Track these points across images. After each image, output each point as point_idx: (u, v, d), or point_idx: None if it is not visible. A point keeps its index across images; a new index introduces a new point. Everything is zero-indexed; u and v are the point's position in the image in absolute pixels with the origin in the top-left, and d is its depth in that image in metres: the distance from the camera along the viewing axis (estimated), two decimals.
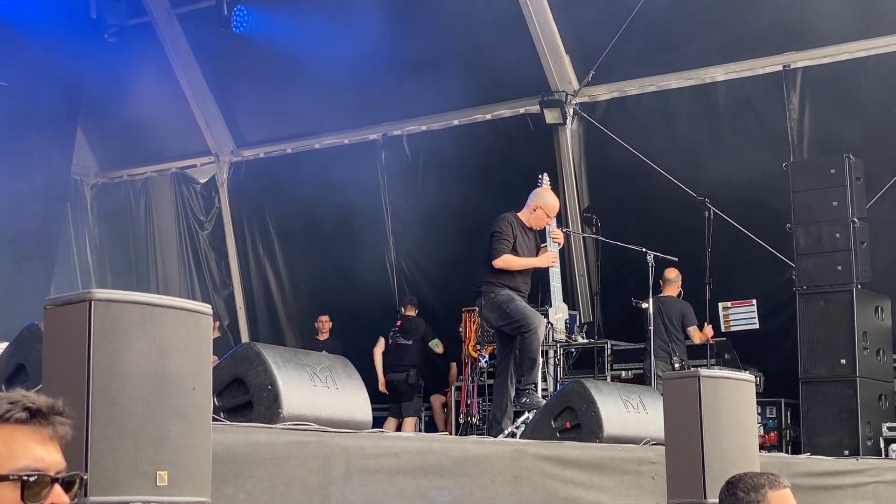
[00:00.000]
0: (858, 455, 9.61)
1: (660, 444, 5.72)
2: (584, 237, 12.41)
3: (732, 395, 5.18)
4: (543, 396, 8.53)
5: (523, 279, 8.02)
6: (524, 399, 7.75)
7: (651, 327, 10.08)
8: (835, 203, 10.45)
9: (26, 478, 1.77)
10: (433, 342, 12.66)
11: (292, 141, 14.67)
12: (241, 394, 4.91)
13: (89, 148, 15.91)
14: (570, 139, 12.59)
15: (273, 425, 4.69)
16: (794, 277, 10.79)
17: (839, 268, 10.37)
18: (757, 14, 11.58)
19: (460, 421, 11.70)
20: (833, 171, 10.50)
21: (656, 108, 12.36)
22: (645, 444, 6.59)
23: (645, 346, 10.85)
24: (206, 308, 3.60)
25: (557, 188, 11.01)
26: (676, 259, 10.34)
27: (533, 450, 5.71)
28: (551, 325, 8.56)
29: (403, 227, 13.83)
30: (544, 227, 8.15)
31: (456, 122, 13.45)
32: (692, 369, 5.33)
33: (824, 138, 11.40)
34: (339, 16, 13.02)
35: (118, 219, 15.96)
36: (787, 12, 11.33)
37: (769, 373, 11.07)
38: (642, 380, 10.64)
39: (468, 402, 11.65)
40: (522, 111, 12.97)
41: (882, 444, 10.21)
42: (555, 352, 10.74)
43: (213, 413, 4.08)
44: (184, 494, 3.35)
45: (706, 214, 11.03)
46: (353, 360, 5.60)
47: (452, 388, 12.27)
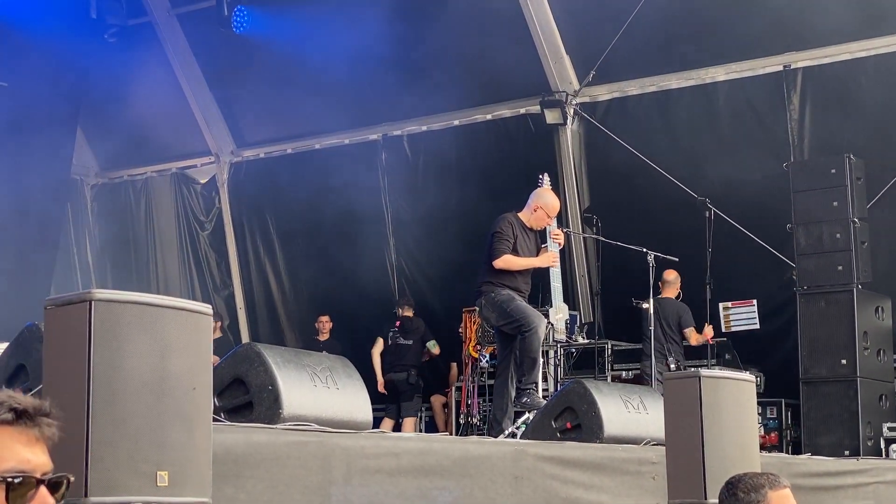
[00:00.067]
0: (859, 455, 9.60)
1: (660, 445, 5.72)
2: (584, 237, 12.40)
3: (733, 396, 5.18)
4: (544, 397, 8.53)
5: (524, 279, 8.02)
6: (525, 399, 7.74)
7: (652, 328, 10.08)
8: (835, 203, 10.45)
9: (11, 479, 1.73)
10: (430, 343, 12.68)
11: (293, 141, 14.65)
12: (242, 394, 4.91)
13: (89, 148, 15.89)
14: (570, 139, 12.58)
15: (273, 425, 4.69)
16: (794, 277, 10.79)
17: (840, 268, 10.37)
18: (757, 14, 11.57)
19: (461, 421, 11.70)
20: (833, 171, 10.50)
21: (657, 108, 12.36)
22: (645, 444, 6.59)
23: (642, 346, 10.87)
24: (207, 308, 3.60)
25: (558, 188, 11.01)
26: (677, 259, 10.33)
27: (533, 450, 5.71)
28: (552, 325, 8.54)
29: (404, 227, 13.82)
30: (545, 228, 8.15)
31: (456, 123, 13.43)
32: (693, 370, 5.32)
33: (825, 138, 11.40)
34: (339, 16, 13.00)
35: (118, 219, 15.93)
36: (788, 12, 11.32)
37: (770, 373, 11.07)
38: (640, 380, 10.65)
39: (468, 402, 11.65)
40: (523, 111, 12.96)
41: (882, 445, 10.21)
42: (555, 352, 10.75)
43: (214, 413, 4.08)
44: (184, 495, 3.35)
45: (707, 214, 11.01)
46: (354, 361, 5.60)
47: (453, 388, 12.27)
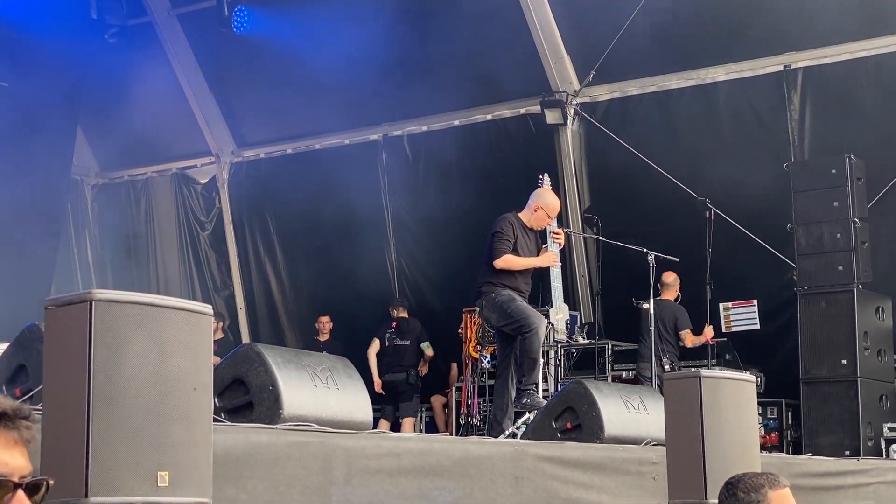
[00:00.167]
0: (859, 455, 9.60)
1: (661, 445, 5.72)
2: (584, 237, 12.40)
3: (733, 396, 5.18)
4: (544, 397, 8.52)
5: (524, 279, 8.01)
6: (525, 399, 7.74)
7: (652, 328, 10.08)
8: (836, 203, 10.44)
9: None
10: (423, 344, 12.68)
11: (293, 141, 14.65)
12: (242, 394, 4.91)
13: (89, 148, 15.88)
14: (570, 139, 12.58)
15: (274, 426, 4.69)
16: (794, 278, 10.78)
17: (840, 268, 10.37)
18: (757, 14, 11.57)
19: (461, 421, 11.70)
20: (834, 171, 10.49)
21: (657, 108, 12.36)
22: (646, 444, 6.58)
23: (638, 347, 10.87)
24: (207, 308, 3.59)
25: (558, 188, 11.01)
26: (677, 259, 10.32)
27: (534, 450, 5.71)
28: (552, 325, 8.54)
29: (404, 227, 13.82)
30: (545, 228, 8.14)
31: (457, 123, 13.42)
32: (693, 370, 5.32)
33: (825, 138, 11.39)
34: (339, 16, 13.00)
35: (118, 219, 15.92)
36: (788, 12, 11.32)
37: (770, 373, 11.07)
38: (637, 381, 10.65)
39: (469, 402, 11.65)
40: (523, 111, 12.95)
41: (883, 445, 10.21)
42: (556, 352, 10.74)
43: (214, 413, 4.07)
44: (185, 495, 3.34)
45: (707, 215, 11.01)
46: (354, 361, 5.60)
47: (453, 388, 12.28)
